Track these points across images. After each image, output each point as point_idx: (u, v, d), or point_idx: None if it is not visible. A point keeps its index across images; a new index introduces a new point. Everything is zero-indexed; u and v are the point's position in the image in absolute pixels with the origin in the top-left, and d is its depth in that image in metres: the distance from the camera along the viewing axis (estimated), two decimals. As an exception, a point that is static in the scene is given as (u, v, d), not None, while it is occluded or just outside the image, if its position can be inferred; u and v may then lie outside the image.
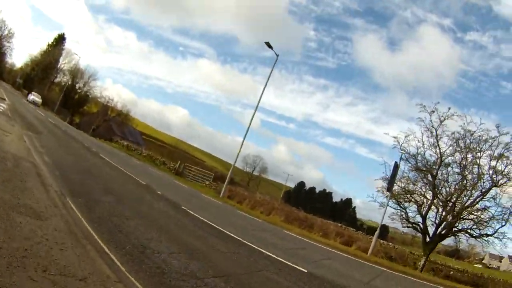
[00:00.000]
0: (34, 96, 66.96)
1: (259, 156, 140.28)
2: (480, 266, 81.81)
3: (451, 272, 24.86)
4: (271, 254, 11.63)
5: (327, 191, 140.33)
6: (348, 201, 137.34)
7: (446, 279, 22.58)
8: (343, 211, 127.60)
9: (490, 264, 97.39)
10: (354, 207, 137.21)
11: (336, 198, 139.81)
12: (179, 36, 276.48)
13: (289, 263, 11.13)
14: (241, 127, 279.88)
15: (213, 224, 13.79)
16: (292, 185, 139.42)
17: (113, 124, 78.17)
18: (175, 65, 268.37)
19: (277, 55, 31.39)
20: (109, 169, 21.34)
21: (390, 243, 43.18)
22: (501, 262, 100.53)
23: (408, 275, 18.54)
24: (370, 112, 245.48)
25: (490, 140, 23.08)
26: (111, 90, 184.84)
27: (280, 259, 11.34)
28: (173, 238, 9.60)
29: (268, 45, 30.28)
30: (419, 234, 35.54)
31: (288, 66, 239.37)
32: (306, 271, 10.78)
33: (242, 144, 32.10)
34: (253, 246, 12.17)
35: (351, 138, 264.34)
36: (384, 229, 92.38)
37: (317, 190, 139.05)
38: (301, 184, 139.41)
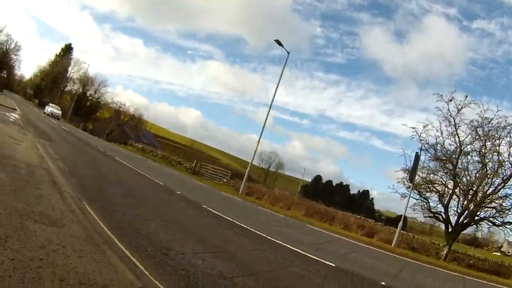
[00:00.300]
0: (52, 108, 61.56)
1: (274, 152, 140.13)
2: (499, 254, 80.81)
3: (472, 261, 24.38)
4: (297, 249, 11.29)
5: (344, 183, 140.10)
6: (366, 193, 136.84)
7: (469, 268, 22.18)
8: (361, 203, 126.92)
9: (508, 252, 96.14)
10: (372, 198, 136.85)
11: (353, 191, 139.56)
12: (186, 40, 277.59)
13: (316, 258, 10.79)
14: (255, 125, 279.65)
15: (235, 222, 13.44)
16: (309, 179, 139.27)
17: (126, 128, 78.54)
18: (185, 69, 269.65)
19: (288, 52, 31.27)
20: (126, 172, 21.10)
21: (410, 233, 42.81)
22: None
23: (433, 265, 18.20)
24: (383, 104, 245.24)
25: (509, 127, 22.88)
26: (122, 95, 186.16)
27: (307, 254, 11.01)
28: (196, 238, 9.23)
29: (279, 42, 30.13)
30: (437, 224, 35.07)
31: (298, 63, 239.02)
32: (334, 265, 10.43)
33: (259, 141, 31.90)
34: (278, 242, 11.80)
35: (366, 131, 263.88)
36: (403, 220, 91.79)
37: (334, 183, 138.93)
38: (318, 178, 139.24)
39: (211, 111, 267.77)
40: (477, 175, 24.21)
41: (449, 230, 24.51)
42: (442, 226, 26.17)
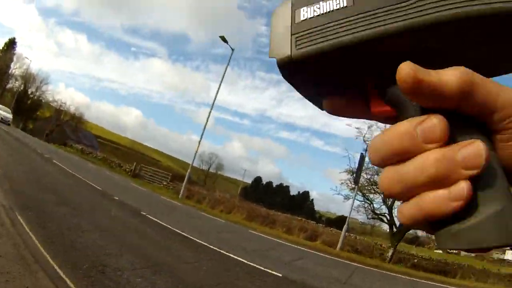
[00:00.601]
0: (2, 111, 49.91)
1: (214, 153, 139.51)
2: (441, 251, 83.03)
3: (416, 260, 24.84)
4: (241, 259, 10.98)
5: (284, 184, 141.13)
6: (306, 194, 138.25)
7: (414, 268, 22.56)
8: (301, 204, 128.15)
9: (450, 249, 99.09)
10: (312, 199, 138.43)
11: (293, 192, 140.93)
12: (131, 36, 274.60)
13: (262, 268, 10.52)
14: (196, 126, 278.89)
15: (176, 230, 13.00)
16: (249, 180, 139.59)
17: (66, 128, 76.15)
18: (128, 66, 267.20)
19: (233, 49, 30.79)
20: (63, 176, 20.09)
21: (352, 234, 43.35)
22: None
23: (380, 269, 18.41)
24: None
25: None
26: (64, 94, 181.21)
27: (252, 264, 10.73)
28: (134, 251, 8.72)
29: (223, 39, 29.66)
30: (378, 223, 35.56)
31: (241, 62, 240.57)
32: (281, 275, 10.20)
33: (200, 142, 31.35)
34: (222, 251, 11.45)
35: (306, 131, 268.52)
36: (343, 220, 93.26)
37: (274, 184, 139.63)
38: (258, 179, 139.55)
39: (152, 110, 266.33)
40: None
41: (394, 232, 24.83)
42: (383, 226, 26.55)
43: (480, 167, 0.39)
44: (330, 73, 0.49)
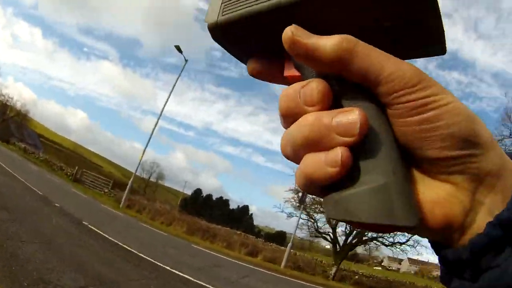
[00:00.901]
0: None
1: (156, 162, 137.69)
2: (380, 268, 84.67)
3: (357, 277, 25.14)
4: (188, 277, 10.65)
5: (224, 198, 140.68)
6: (245, 208, 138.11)
7: (356, 286, 22.79)
8: (241, 218, 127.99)
9: (389, 266, 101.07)
10: (251, 214, 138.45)
11: (233, 205, 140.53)
12: (84, 36, 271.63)
13: (208, 286, 10.30)
14: (140, 133, 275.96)
15: (119, 243, 12.47)
16: (189, 192, 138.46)
17: (11, 124, 73.44)
18: (79, 67, 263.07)
19: (186, 60, 30.42)
20: (2, 177, 19.13)
21: (292, 250, 43.54)
22: (400, 264, 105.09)
23: (327, 287, 18.39)
24: (270, 122, 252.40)
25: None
26: (12, 88, 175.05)
27: (199, 282, 10.46)
28: (77, 265, 8.17)
29: (178, 49, 29.28)
30: (317, 240, 35.97)
31: (191, 74, 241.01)
32: (230, 295, 9.90)
33: (144, 151, 30.73)
34: (167, 268, 11.05)
35: (249, 147, 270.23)
36: (282, 235, 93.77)
37: (214, 197, 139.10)
38: (198, 191, 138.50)
39: (98, 114, 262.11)
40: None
41: (337, 250, 25.02)
42: (322, 242, 26.84)
43: (355, 135, 0.39)
44: (249, 38, 0.51)
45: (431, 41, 0.46)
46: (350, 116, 0.39)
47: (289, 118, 0.45)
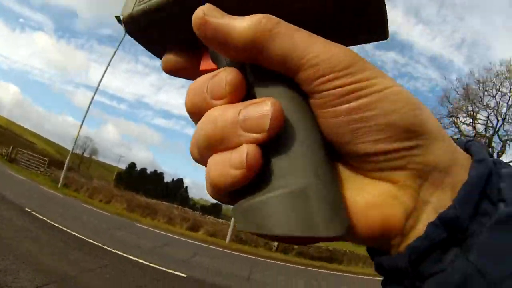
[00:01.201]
0: None
1: (89, 137, 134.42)
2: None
3: (296, 247, 25.49)
4: (141, 261, 10.32)
5: (158, 171, 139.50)
6: (180, 181, 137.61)
7: (301, 257, 23.15)
8: (176, 191, 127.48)
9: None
10: (186, 186, 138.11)
11: (167, 178, 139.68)
12: (20, 6, 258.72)
13: (164, 269, 10.00)
14: (72, 107, 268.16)
15: (67, 230, 11.84)
16: (123, 166, 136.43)
17: None
18: (14, 38, 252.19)
19: (126, 32, 29.35)
20: None
21: (229, 222, 43.86)
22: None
23: (273, 259, 18.71)
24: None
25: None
26: None
27: (153, 265, 10.13)
28: (31, 262, 7.59)
29: (119, 19, 27.59)
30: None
31: (126, 46, 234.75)
32: (185, 276, 9.76)
33: (81, 127, 30.04)
34: (119, 252, 10.67)
35: (182, 119, 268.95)
36: (218, 208, 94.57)
37: (148, 171, 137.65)
38: (132, 166, 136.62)
39: (31, 88, 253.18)
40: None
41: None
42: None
43: (265, 131, 0.33)
44: (166, 29, 0.48)
45: (373, 28, 0.43)
46: (260, 108, 0.34)
47: (195, 115, 0.39)
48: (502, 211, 0.32)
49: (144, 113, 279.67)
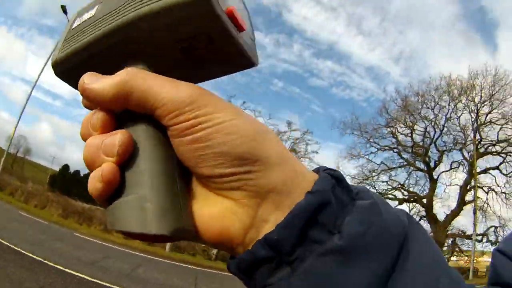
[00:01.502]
0: None
1: (23, 136, 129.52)
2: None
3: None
4: (83, 276, 10.09)
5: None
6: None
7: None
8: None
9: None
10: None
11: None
12: None
13: (109, 285, 9.86)
14: (7, 102, 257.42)
15: (7, 243, 11.42)
16: (56, 168, 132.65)
17: None
18: None
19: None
20: None
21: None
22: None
23: (215, 269, 18.69)
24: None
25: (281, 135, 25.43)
26: None
27: (95, 281, 9.94)
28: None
29: (64, 9, 26.24)
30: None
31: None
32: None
33: (17, 125, 29.03)
34: (60, 268, 10.34)
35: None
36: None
37: (81, 173, 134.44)
38: (66, 167, 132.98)
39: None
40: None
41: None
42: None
43: (115, 155, 0.44)
44: (82, 71, 0.51)
45: (233, 59, 0.50)
46: (113, 138, 0.44)
47: (84, 141, 0.48)
48: (332, 242, 0.40)
49: (77, 111, 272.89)
